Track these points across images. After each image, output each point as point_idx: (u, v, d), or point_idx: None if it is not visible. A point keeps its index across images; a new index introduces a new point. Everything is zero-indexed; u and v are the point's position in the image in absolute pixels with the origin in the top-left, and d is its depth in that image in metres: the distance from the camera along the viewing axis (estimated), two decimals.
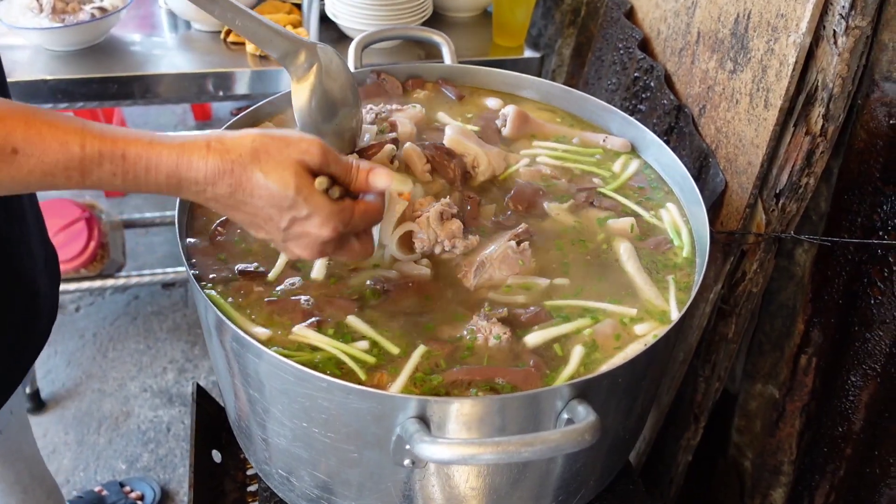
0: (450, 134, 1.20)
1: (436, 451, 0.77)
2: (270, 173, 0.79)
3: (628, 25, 1.69)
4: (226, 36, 2.02)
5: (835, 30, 1.08)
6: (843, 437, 1.32)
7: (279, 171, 0.80)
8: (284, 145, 0.81)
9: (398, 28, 1.85)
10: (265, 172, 0.79)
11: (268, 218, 0.83)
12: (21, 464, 1.35)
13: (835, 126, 1.15)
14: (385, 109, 1.30)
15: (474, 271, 1.03)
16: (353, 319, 0.97)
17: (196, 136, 0.80)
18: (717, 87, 1.35)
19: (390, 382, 0.90)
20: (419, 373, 0.91)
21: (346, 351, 0.93)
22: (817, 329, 1.35)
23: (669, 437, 1.68)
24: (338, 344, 0.94)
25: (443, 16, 2.16)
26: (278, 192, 0.80)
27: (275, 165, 0.80)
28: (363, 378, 0.90)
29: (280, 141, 0.81)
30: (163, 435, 2.47)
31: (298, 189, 0.80)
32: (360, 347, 0.94)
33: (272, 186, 0.79)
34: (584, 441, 0.78)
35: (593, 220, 1.16)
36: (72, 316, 2.84)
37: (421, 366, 0.92)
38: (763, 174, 1.24)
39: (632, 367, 0.90)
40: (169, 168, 0.77)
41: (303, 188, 0.81)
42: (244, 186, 0.79)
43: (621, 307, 1.02)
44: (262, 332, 0.95)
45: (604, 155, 1.30)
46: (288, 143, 0.81)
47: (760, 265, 1.32)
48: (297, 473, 1.01)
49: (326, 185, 0.83)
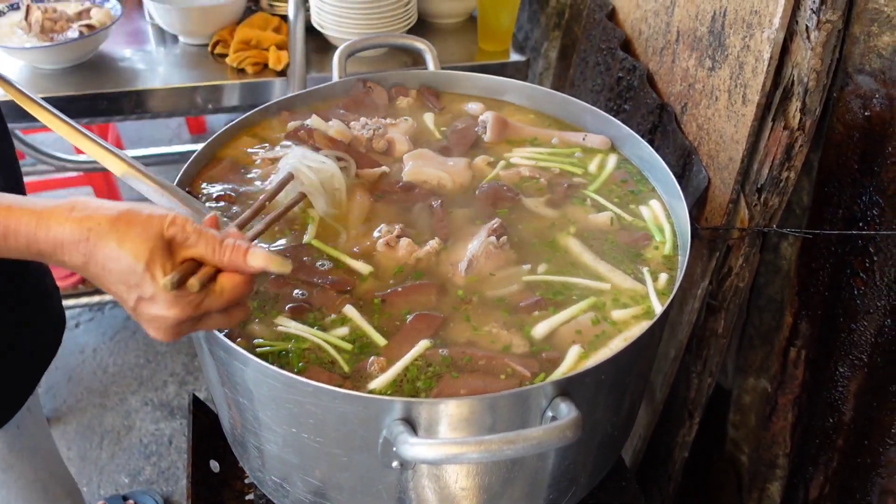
0: (407, 169, 1.24)
1: (420, 451, 0.78)
2: (125, 243, 0.74)
3: (610, 27, 1.71)
4: (213, 48, 2.04)
5: (807, 24, 1.10)
6: (834, 428, 1.33)
7: (136, 242, 0.74)
8: (148, 218, 0.76)
9: (381, 36, 1.86)
10: (120, 243, 0.74)
11: (119, 296, 0.78)
12: (39, 460, 1.37)
13: (812, 120, 1.16)
14: (380, 125, 1.32)
15: (466, 268, 1.06)
16: (349, 309, 1.00)
17: (66, 201, 0.76)
18: (698, 84, 1.36)
19: (381, 373, 0.92)
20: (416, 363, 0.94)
21: (328, 340, 0.95)
22: (805, 321, 1.36)
23: (665, 434, 1.69)
24: (319, 333, 0.96)
25: (428, 22, 2.18)
26: (128, 266, 0.74)
27: (133, 236, 0.74)
28: (346, 369, 0.93)
29: (147, 214, 0.76)
30: (164, 448, 2.48)
31: (148, 264, 0.74)
32: (339, 335, 0.96)
33: (123, 258, 0.74)
34: (566, 437, 0.79)
35: (573, 214, 1.19)
36: (72, 332, 2.86)
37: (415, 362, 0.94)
38: (744, 169, 1.25)
39: (616, 362, 0.91)
40: (28, 234, 0.74)
41: (153, 265, 0.75)
42: (97, 257, 0.75)
43: (597, 283, 1.06)
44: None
45: (584, 153, 1.31)
46: (152, 216, 0.76)
47: (746, 259, 1.33)
48: (291, 479, 1.02)
49: (175, 280, 0.75)
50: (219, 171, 1.23)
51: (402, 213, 1.17)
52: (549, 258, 1.10)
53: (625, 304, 1.04)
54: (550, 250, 1.12)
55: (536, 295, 1.04)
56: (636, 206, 1.20)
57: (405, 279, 1.06)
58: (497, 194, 1.21)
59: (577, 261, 1.10)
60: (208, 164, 1.25)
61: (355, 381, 0.92)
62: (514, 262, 1.10)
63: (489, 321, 1.01)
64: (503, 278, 1.07)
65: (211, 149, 1.26)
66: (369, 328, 0.98)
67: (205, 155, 1.24)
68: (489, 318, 1.01)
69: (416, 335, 0.97)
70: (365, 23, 1.92)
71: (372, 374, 0.93)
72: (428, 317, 1.00)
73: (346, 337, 0.97)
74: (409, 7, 2.01)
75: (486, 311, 1.02)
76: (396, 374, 0.92)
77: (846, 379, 1.28)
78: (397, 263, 1.08)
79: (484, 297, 1.04)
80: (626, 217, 1.18)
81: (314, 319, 0.99)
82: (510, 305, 1.03)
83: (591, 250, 1.12)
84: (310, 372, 0.92)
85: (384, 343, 0.97)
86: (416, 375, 0.93)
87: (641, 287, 1.06)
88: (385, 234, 1.11)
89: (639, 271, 1.08)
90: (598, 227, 1.16)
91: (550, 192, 1.23)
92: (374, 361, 0.93)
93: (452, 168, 1.25)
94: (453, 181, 1.23)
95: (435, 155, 1.28)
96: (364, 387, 0.91)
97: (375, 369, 0.93)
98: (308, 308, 1.00)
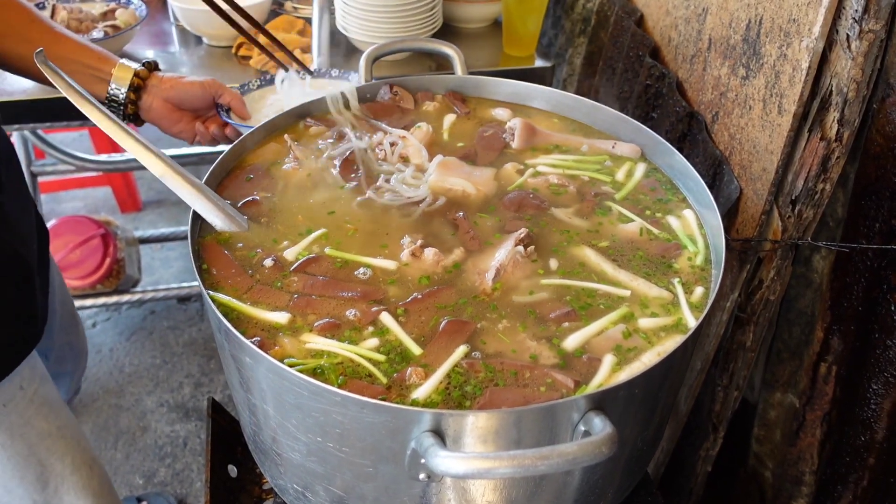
0: (433, 180, 1.22)
1: (451, 464, 0.76)
2: None
3: (639, 33, 1.69)
4: (237, 50, 2.03)
5: (848, 34, 1.07)
6: (865, 446, 1.30)
7: None
8: None
9: (408, 40, 1.85)
10: None
11: None
12: (34, 437, 1.33)
13: (850, 131, 1.14)
14: (396, 139, 1.30)
15: (493, 278, 1.04)
16: (386, 317, 0.99)
17: None
18: (730, 93, 1.34)
19: (420, 383, 0.90)
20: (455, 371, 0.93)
21: (360, 353, 0.93)
22: (837, 336, 1.33)
23: (688, 447, 1.66)
24: (350, 347, 0.94)
25: (453, 27, 2.16)
26: None
27: None
28: (384, 381, 0.91)
29: None
30: (179, 449, 2.48)
31: None
32: (370, 346, 0.95)
33: None
34: (602, 454, 0.77)
35: (602, 223, 1.16)
36: (89, 332, 2.86)
37: (453, 372, 0.92)
38: (778, 180, 1.23)
39: (649, 377, 0.89)
40: None
41: None
42: None
43: (620, 290, 1.04)
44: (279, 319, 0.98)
45: (613, 161, 1.29)
46: None
47: (777, 272, 1.31)
48: (313, 488, 1.01)
49: None
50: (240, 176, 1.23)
51: (426, 224, 1.15)
52: (575, 269, 1.08)
53: (654, 314, 1.02)
54: (577, 260, 1.10)
55: (567, 306, 1.02)
56: (663, 215, 1.18)
57: (432, 287, 1.04)
58: (524, 202, 1.19)
59: (598, 269, 1.08)
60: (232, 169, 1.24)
61: (396, 392, 0.90)
62: (542, 271, 1.08)
63: (517, 331, 0.99)
64: (530, 287, 1.05)
65: (235, 152, 1.25)
66: (405, 336, 0.96)
67: (230, 158, 1.23)
68: (517, 329, 0.99)
69: (449, 342, 0.95)
70: (390, 26, 1.91)
71: (413, 384, 0.91)
72: (460, 323, 0.98)
73: (379, 348, 0.95)
74: (435, 11, 2.00)
75: (514, 320, 1.00)
76: (438, 382, 0.90)
77: (879, 396, 1.25)
78: (423, 274, 1.06)
79: (511, 306, 1.02)
80: (654, 230, 1.15)
81: (347, 335, 0.97)
82: (539, 316, 1.01)
83: (617, 260, 1.10)
84: (350, 386, 0.90)
85: (420, 352, 0.95)
86: (463, 381, 0.91)
87: (668, 294, 1.04)
88: (409, 245, 1.09)
89: (669, 282, 1.06)
90: (627, 237, 1.14)
91: (580, 200, 1.21)
92: (412, 371, 0.91)
93: (478, 178, 1.23)
94: (478, 191, 1.21)
95: (461, 164, 1.26)
96: (407, 397, 0.89)
97: (415, 380, 0.91)
98: (337, 325, 0.98)
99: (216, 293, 1.00)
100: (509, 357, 0.95)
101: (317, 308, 1.00)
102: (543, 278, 1.06)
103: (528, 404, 0.85)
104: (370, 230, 1.13)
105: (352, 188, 1.21)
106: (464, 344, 0.95)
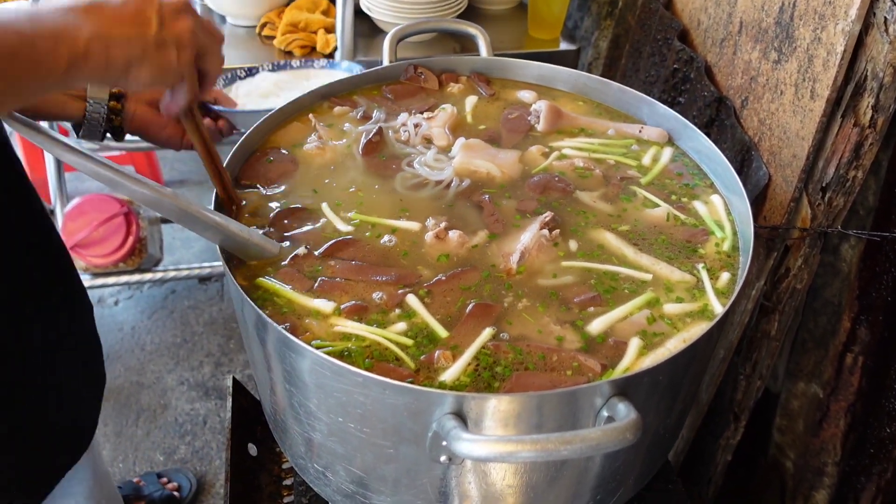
0: (457, 162, 1.21)
1: (473, 448, 0.76)
2: None
3: (667, 16, 1.66)
4: (260, 30, 2.03)
5: (886, 17, 1.04)
6: (891, 438, 1.28)
7: None
8: None
9: (433, 21, 1.83)
10: None
11: (136, 29, 0.76)
12: None
13: (885, 117, 1.11)
14: (420, 120, 1.29)
15: (517, 261, 1.03)
16: (412, 299, 0.98)
17: None
18: (761, 77, 1.32)
19: (448, 366, 0.90)
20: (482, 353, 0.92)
21: (388, 337, 0.93)
22: (864, 327, 1.31)
23: (709, 435, 1.65)
24: (377, 330, 0.94)
25: (478, 8, 2.14)
26: None
27: None
28: (412, 365, 0.90)
29: None
30: (199, 427, 2.50)
31: None
32: (397, 330, 0.94)
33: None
34: (626, 440, 0.76)
35: (627, 207, 1.15)
36: (111, 309, 2.89)
37: (480, 354, 0.92)
38: (808, 167, 1.20)
39: (674, 363, 0.88)
40: None
41: None
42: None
43: (644, 274, 1.03)
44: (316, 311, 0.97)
45: (640, 145, 1.27)
46: None
47: (805, 261, 1.29)
48: (333, 468, 1.01)
49: None
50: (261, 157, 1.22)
51: (450, 206, 1.14)
52: (594, 251, 1.08)
53: (679, 299, 1.00)
54: (595, 242, 1.09)
55: (592, 290, 1.01)
56: (689, 200, 1.16)
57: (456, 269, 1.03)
58: (549, 185, 1.18)
59: (619, 253, 1.07)
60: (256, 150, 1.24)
61: (424, 375, 0.90)
62: (563, 253, 1.07)
63: (541, 315, 0.98)
64: (553, 271, 1.04)
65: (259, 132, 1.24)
66: (431, 319, 0.96)
67: (253, 138, 1.23)
68: (541, 312, 0.98)
69: (476, 325, 0.95)
70: (415, 7, 1.90)
71: (441, 367, 0.90)
72: (486, 306, 0.97)
73: (406, 332, 0.95)
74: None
75: (537, 303, 0.99)
76: (466, 364, 0.90)
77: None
78: (442, 252, 1.05)
79: (535, 288, 1.01)
80: (680, 215, 1.13)
81: (375, 318, 0.97)
82: (562, 299, 1.00)
83: (638, 244, 1.09)
84: (378, 369, 0.89)
85: (446, 334, 0.94)
86: (493, 363, 0.91)
87: (691, 277, 1.03)
88: (433, 227, 1.08)
89: (693, 266, 1.05)
90: (651, 221, 1.13)
91: (605, 184, 1.19)
92: (440, 355, 0.91)
93: (503, 160, 1.22)
94: (503, 173, 1.20)
95: (486, 146, 1.24)
96: (436, 379, 0.89)
97: (443, 362, 0.90)
98: (364, 307, 0.98)
99: (265, 279, 1.01)
100: (535, 339, 0.94)
101: (346, 291, 1.00)
102: (564, 260, 1.05)
103: (555, 388, 0.84)
104: (394, 212, 1.13)
105: (375, 169, 1.21)
106: (490, 326, 0.95)
